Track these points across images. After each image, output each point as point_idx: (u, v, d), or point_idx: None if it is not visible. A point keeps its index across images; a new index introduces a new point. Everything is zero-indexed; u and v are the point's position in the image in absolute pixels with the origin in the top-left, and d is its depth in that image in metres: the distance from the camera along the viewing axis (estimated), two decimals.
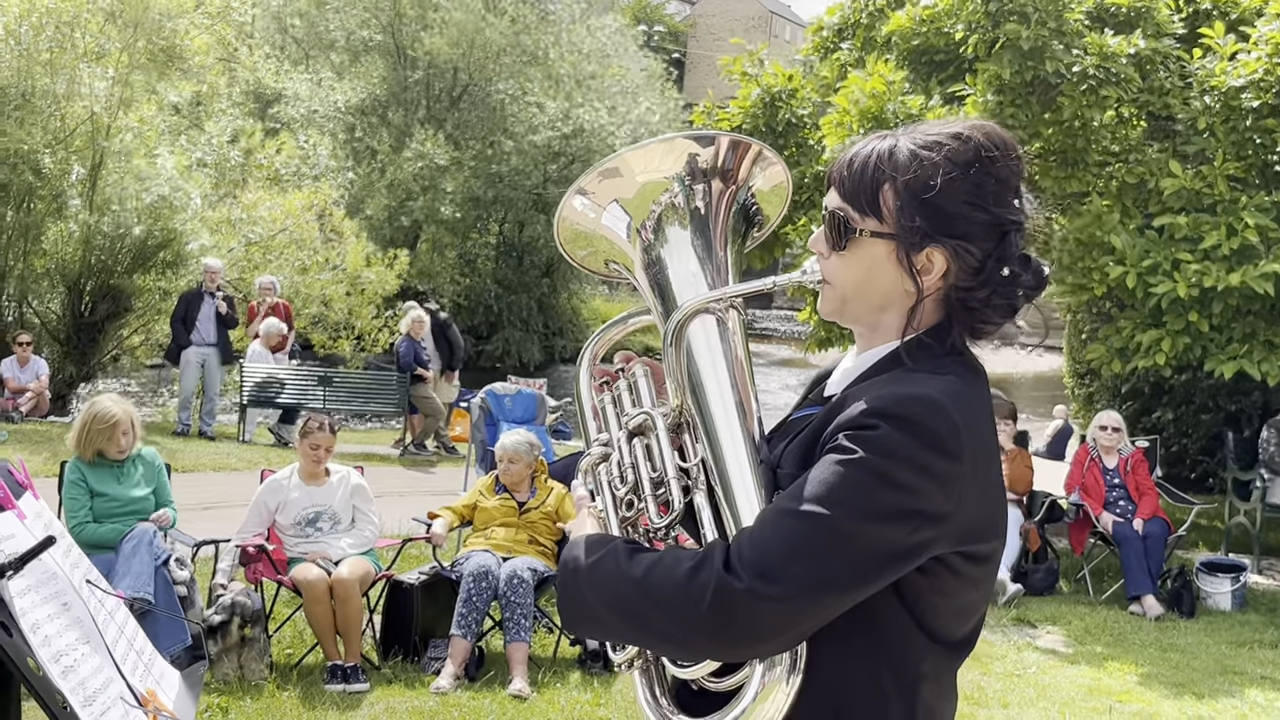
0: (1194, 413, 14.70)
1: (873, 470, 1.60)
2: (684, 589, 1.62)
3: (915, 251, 1.75)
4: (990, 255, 1.74)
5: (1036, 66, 9.60)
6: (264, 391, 15.09)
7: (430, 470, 14.02)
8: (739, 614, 1.59)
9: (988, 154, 1.74)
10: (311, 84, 29.75)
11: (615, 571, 1.71)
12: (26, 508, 2.34)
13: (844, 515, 1.59)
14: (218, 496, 10.59)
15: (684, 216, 1.91)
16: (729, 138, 1.92)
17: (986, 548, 1.73)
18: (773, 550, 1.60)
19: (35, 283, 17.29)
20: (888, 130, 1.85)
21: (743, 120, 11.85)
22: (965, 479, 1.64)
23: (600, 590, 1.72)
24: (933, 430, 1.62)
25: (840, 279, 1.82)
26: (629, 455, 1.87)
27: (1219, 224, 9.41)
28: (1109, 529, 9.45)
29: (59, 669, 2.07)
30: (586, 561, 1.75)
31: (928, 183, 1.73)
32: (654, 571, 1.67)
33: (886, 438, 1.60)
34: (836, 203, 1.81)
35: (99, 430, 6.46)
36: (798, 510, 1.61)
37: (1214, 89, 9.74)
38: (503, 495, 7.32)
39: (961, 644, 1.79)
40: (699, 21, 72.11)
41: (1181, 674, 7.53)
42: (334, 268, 20.49)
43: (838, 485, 1.60)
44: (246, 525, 6.86)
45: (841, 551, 1.59)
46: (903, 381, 1.69)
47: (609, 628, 1.77)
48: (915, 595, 1.68)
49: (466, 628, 6.59)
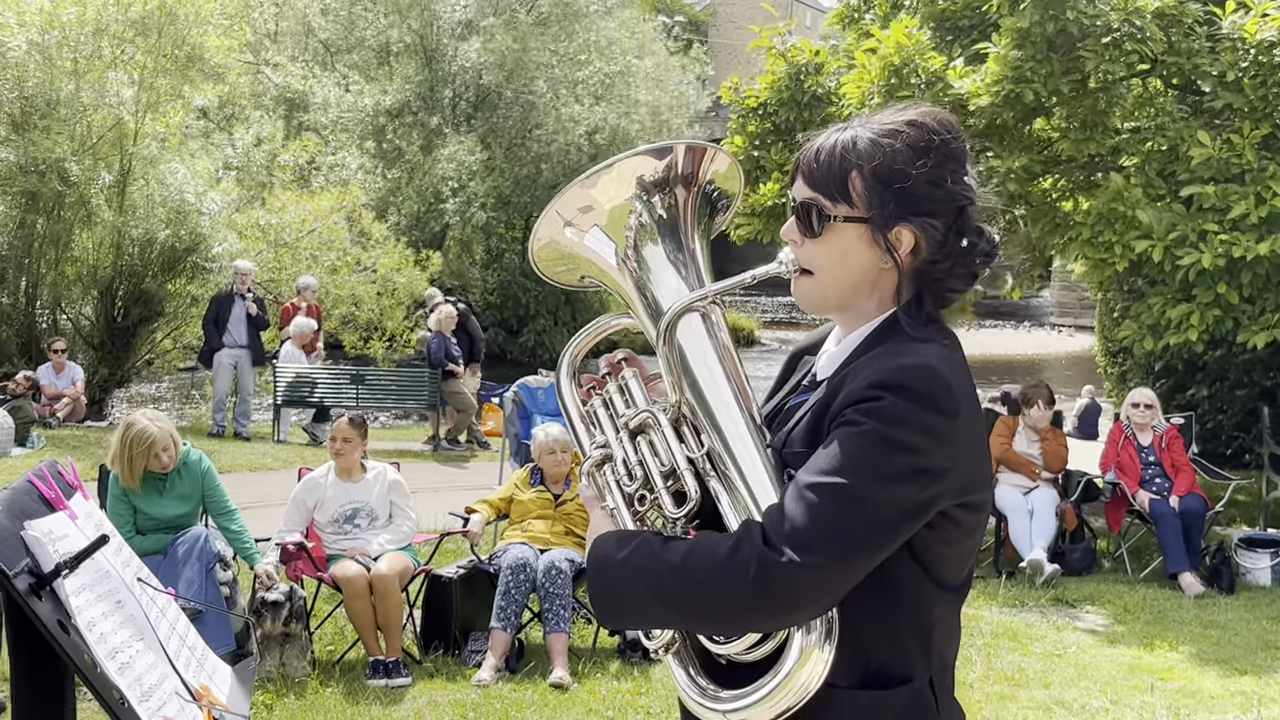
0: (1229, 388, 14.59)
1: (882, 437, 1.73)
2: (727, 567, 1.73)
3: (886, 232, 1.88)
4: (950, 229, 1.89)
5: (1058, 16, 9.51)
6: (297, 391, 15.18)
7: (464, 465, 14.08)
8: (782, 585, 1.70)
9: (940, 137, 1.90)
10: (339, 88, 29.80)
11: (653, 559, 1.81)
12: (77, 508, 2.38)
13: (863, 482, 1.72)
14: (255, 496, 10.66)
15: (655, 225, 2.01)
16: (684, 144, 2.03)
17: (979, 497, 1.88)
18: (805, 522, 1.71)
19: (68, 289, 17.45)
20: (844, 123, 1.97)
21: (769, 96, 11.81)
22: (961, 435, 1.78)
23: (640, 580, 1.82)
24: (931, 394, 1.76)
25: (818, 265, 1.94)
26: (634, 453, 1.96)
27: (1247, 193, 9.33)
28: (1145, 507, 9.40)
29: (115, 665, 2.11)
30: (620, 554, 1.84)
31: (892, 167, 1.87)
32: (694, 555, 1.78)
33: (891, 407, 1.74)
34: (807, 193, 1.93)
35: (139, 452, 6.41)
36: (821, 483, 1.73)
37: (1244, 42, 9.63)
38: (539, 488, 7.35)
39: (962, 586, 1.94)
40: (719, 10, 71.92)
41: (1223, 650, 7.49)
42: (364, 269, 20.57)
43: (853, 455, 1.73)
44: (286, 524, 6.92)
45: (866, 516, 1.73)
46: (896, 353, 1.82)
47: (650, 615, 1.87)
48: (924, 548, 1.82)
49: (506, 620, 6.63)
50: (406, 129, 30.36)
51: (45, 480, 2.39)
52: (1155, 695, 6.58)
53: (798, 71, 11.70)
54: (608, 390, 2.05)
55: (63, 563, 2.10)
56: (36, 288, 17.09)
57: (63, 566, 2.09)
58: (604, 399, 2.05)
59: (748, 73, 13.69)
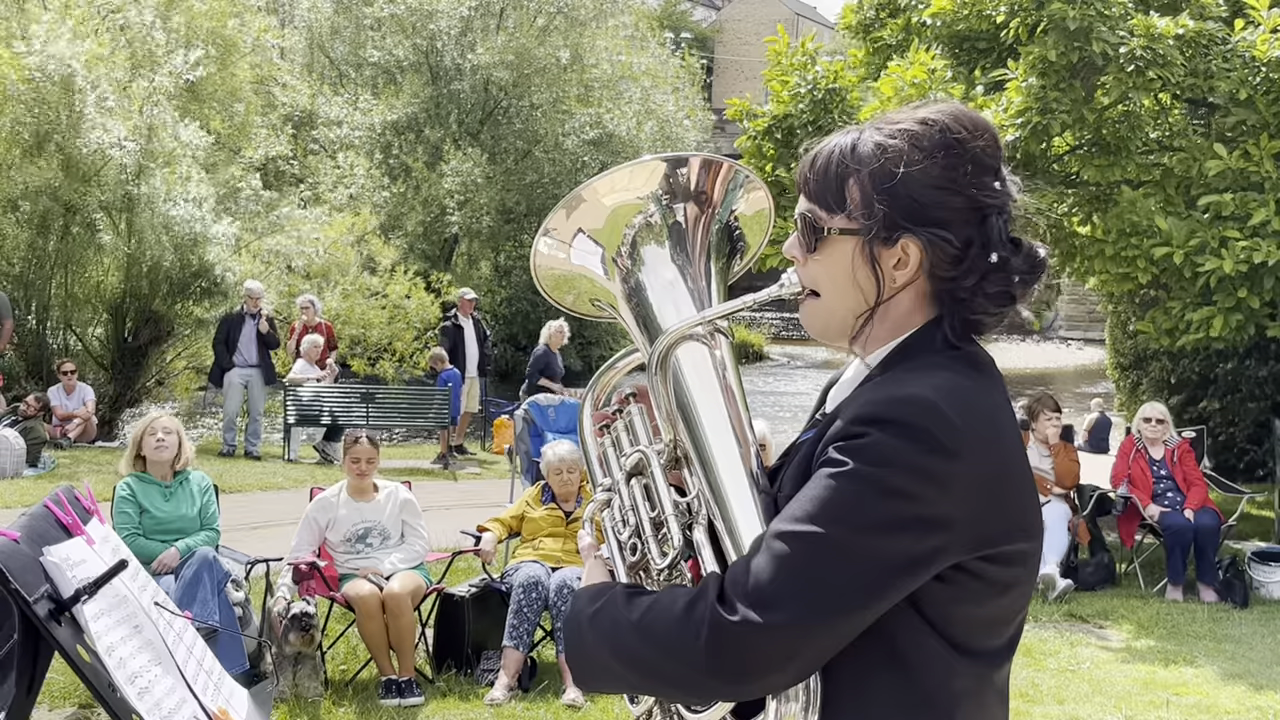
0: (1240, 401, 14.57)
1: (866, 480, 1.51)
2: (680, 627, 1.54)
3: (888, 244, 1.66)
4: (972, 241, 1.65)
5: (1083, 47, 9.51)
6: (308, 410, 15.21)
7: (476, 483, 14.08)
8: (736, 647, 1.51)
9: (955, 135, 1.66)
10: (349, 107, 29.92)
11: (615, 617, 1.64)
12: (94, 533, 2.38)
13: (840, 531, 1.50)
14: (266, 516, 10.68)
15: (660, 239, 1.85)
16: (700, 158, 1.87)
17: (1014, 548, 1.62)
18: (768, 577, 1.51)
19: (78, 310, 17.50)
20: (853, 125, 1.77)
21: (786, 110, 11.56)
22: (968, 478, 1.54)
23: (603, 639, 1.65)
24: (926, 431, 1.52)
25: (821, 284, 1.74)
26: (628, 497, 1.79)
27: (1267, 200, 9.34)
28: (1157, 520, 9.38)
29: (135, 690, 2.11)
30: (589, 611, 1.68)
31: (891, 171, 1.64)
32: (650, 613, 1.60)
33: (877, 444, 1.52)
34: (804, 205, 1.73)
35: (146, 433, 6.77)
36: (791, 531, 1.53)
37: (1255, 59, 9.65)
38: (550, 505, 7.35)
39: (1000, 652, 1.68)
40: (725, 26, 72.06)
41: (1238, 665, 7.46)
42: (374, 294, 20.61)
43: (831, 500, 1.52)
44: (298, 543, 6.92)
45: (842, 569, 1.51)
46: (890, 384, 1.61)
47: (617, 677, 1.67)
48: (938, 608, 1.58)
49: (518, 638, 6.62)
50: (412, 144, 30.45)
51: (62, 505, 2.40)
52: (1170, 711, 6.55)
53: (823, 96, 11.45)
54: (616, 428, 1.90)
55: (82, 588, 2.10)
56: (47, 309, 17.15)
57: (82, 592, 2.10)
58: (613, 438, 1.90)
59: (754, 89, 13.59)
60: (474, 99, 31.56)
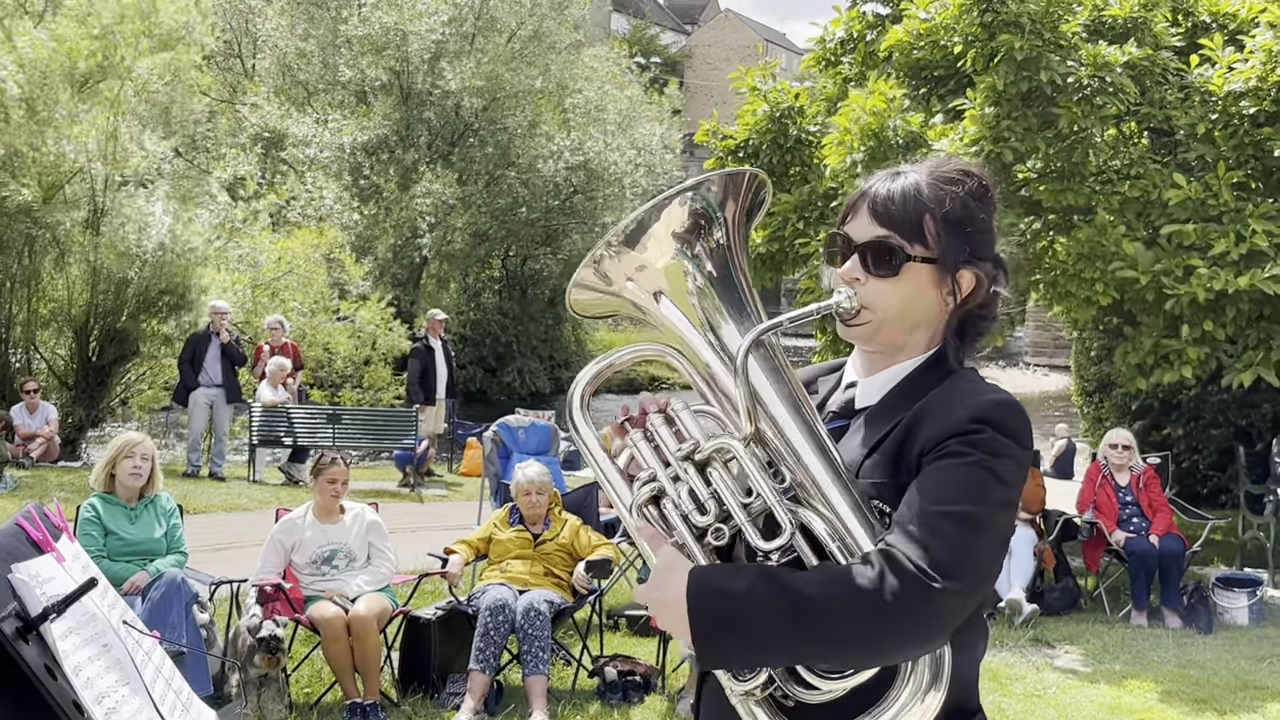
0: (1204, 428, 14.70)
1: (989, 468, 1.82)
2: (873, 596, 1.73)
3: (954, 273, 2.00)
4: (997, 273, 2.04)
5: (1032, 76, 9.63)
6: (273, 431, 15.11)
7: (443, 505, 14.02)
8: (932, 611, 1.74)
9: (985, 183, 2.04)
10: (318, 126, 29.78)
11: (784, 590, 1.78)
12: (64, 550, 2.36)
13: (982, 510, 1.80)
14: (230, 537, 10.60)
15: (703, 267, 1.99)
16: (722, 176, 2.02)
17: None
18: (946, 550, 1.76)
19: (41, 328, 17.34)
20: (897, 167, 2.08)
21: (749, 137, 11.83)
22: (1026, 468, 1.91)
23: (768, 610, 1.77)
24: (1018, 430, 1.88)
25: (883, 304, 2.00)
26: (703, 486, 1.90)
27: (1226, 231, 9.43)
28: (1122, 545, 9.44)
29: (102, 710, 2.09)
30: (741, 586, 1.79)
31: (960, 213, 1.99)
32: (832, 585, 1.77)
33: (992, 440, 1.84)
34: (880, 231, 2.00)
35: (120, 454, 6.68)
36: (951, 512, 1.79)
37: (1212, 95, 9.78)
38: (518, 528, 7.33)
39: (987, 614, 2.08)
40: (695, 51, 72.46)
41: (1202, 690, 7.50)
42: (343, 318, 20.51)
43: (969, 485, 1.81)
44: (264, 565, 6.86)
45: (989, 542, 1.82)
46: (974, 389, 1.94)
47: (774, 647, 1.80)
48: None
49: (485, 661, 6.58)
50: (383, 165, 30.38)
51: (33, 522, 2.37)
52: None
53: (780, 114, 11.74)
54: (651, 424, 1.97)
55: (50, 606, 2.08)
56: (10, 328, 16.98)
57: (50, 610, 2.08)
58: (647, 433, 1.97)
59: (723, 113, 13.71)
60: (444, 120, 31.56)
